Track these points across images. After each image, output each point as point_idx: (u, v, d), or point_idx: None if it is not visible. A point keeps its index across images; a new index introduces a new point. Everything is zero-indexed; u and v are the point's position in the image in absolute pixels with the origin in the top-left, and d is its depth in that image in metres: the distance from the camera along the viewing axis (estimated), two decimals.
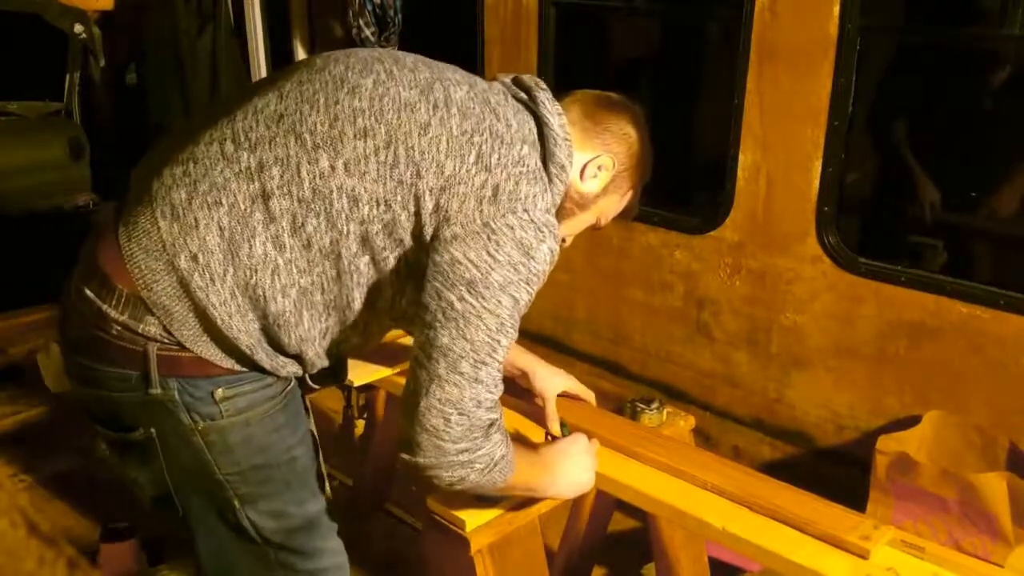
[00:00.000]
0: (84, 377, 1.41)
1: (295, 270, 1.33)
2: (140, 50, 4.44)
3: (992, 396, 2.21)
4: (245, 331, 1.35)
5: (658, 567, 2.14)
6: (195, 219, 1.30)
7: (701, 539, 2.10)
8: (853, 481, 2.22)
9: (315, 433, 1.59)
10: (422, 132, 1.34)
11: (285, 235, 1.32)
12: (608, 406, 1.99)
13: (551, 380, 1.90)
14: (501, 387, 1.37)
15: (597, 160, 1.53)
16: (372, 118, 1.34)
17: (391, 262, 1.37)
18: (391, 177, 1.33)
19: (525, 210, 1.35)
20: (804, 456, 2.59)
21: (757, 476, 1.68)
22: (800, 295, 2.51)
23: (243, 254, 1.31)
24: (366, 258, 1.36)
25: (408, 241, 1.36)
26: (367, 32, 3.47)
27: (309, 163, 1.31)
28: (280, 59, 4.11)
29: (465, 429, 1.32)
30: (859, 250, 2.43)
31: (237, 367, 1.38)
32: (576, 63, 3.09)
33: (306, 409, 1.57)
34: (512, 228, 1.33)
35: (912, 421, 2.28)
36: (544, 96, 1.49)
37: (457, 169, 1.33)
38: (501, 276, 1.32)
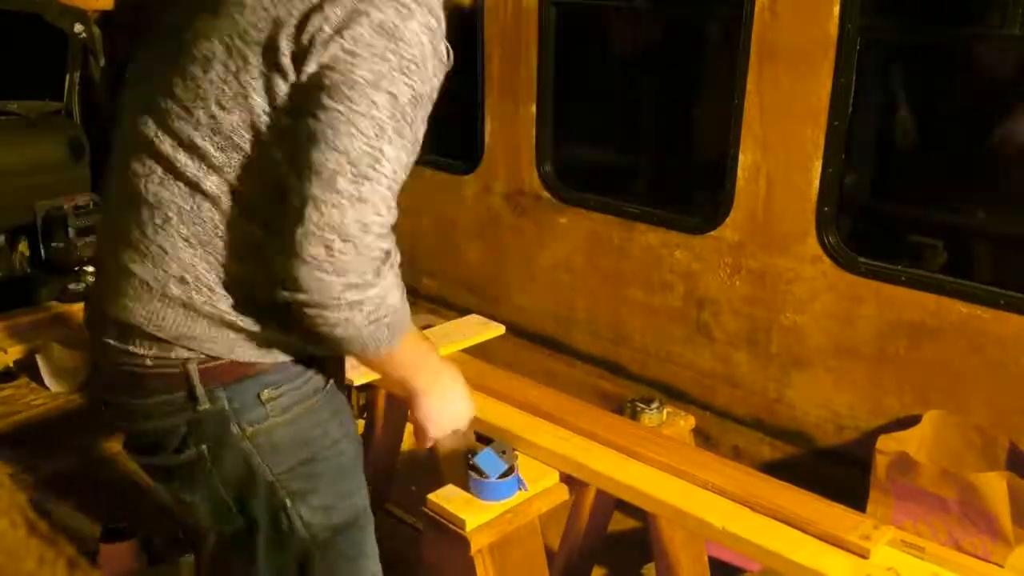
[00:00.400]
0: (128, 414, 1.40)
1: (251, 238, 1.28)
2: (139, 50, 4.43)
3: (992, 396, 2.21)
4: (268, 314, 1.31)
5: (658, 567, 2.14)
6: (159, 247, 1.28)
7: (701, 539, 2.10)
8: (853, 481, 2.22)
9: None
10: (238, 7, 1.23)
11: (233, 209, 1.26)
12: (608, 406, 1.99)
13: None
14: (395, 212, 1.21)
15: None
16: (201, 46, 1.25)
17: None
18: (257, 75, 1.21)
19: None
20: (804, 456, 2.59)
21: (757, 476, 1.68)
22: (800, 295, 2.51)
23: (216, 249, 1.28)
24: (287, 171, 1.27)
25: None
26: None
27: (194, 128, 1.25)
28: None
29: (351, 259, 1.17)
30: (859, 250, 2.43)
31: (280, 358, 1.36)
32: (577, 63, 3.09)
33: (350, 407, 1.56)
34: (365, 14, 1.17)
35: (912, 421, 2.28)
36: None
37: (289, 12, 1.20)
38: (367, 71, 1.16)
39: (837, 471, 2.47)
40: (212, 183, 1.26)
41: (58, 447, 3.13)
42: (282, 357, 1.37)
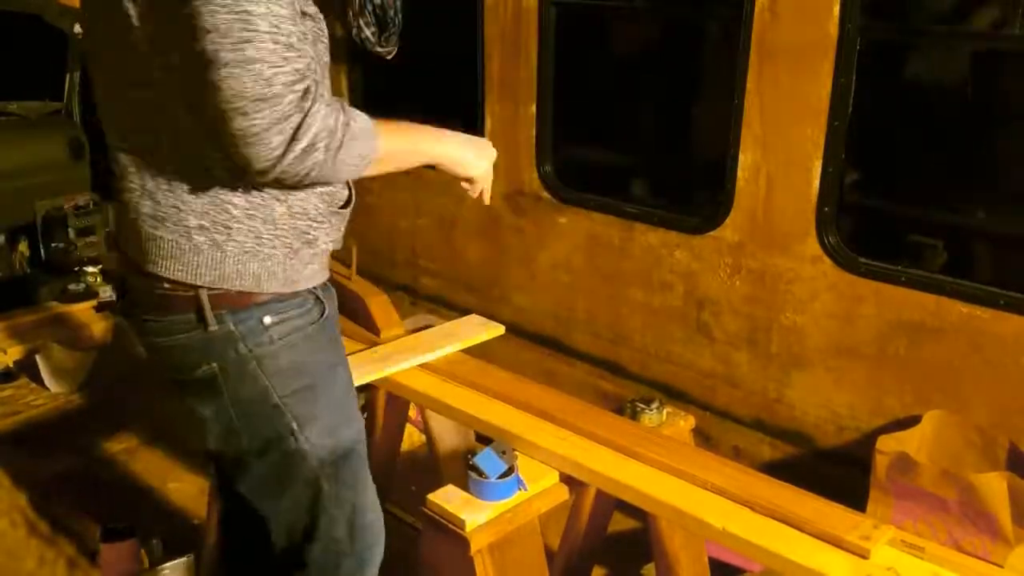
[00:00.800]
0: (152, 330, 1.51)
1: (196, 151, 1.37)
2: None
3: (992, 396, 2.21)
4: (272, 237, 1.44)
5: (658, 567, 2.14)
6: (153, 182, 1.41)
7: (701, 539, 2.10)
8: (853, 481, 2.22)
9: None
10: None
11: (178, 134, 1.36)
12: (608, 406, 1.99)
13: None
14: (298, 56, 1.26)
15: None
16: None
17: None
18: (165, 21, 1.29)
19: None
20: (804, 456, 2.59)
21: (757, 476, 1.68)
22: (800, 295, 2.51)
23: (203, 178, 1.39)
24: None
25: None
26: (367, 32, 3.47)
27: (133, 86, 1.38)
28: None
29: (271, 118, 1.24)
30: (859, 250, 2.43)
31: (279, 288, 1.47)
32: (576, 63, 3.09)
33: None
34: None
35: (912, 421, 2.28)
36: None
37: None
38: None
39: (837, 471, 2.47)
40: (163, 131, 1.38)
41: (58, 447, 3.13)
42: (279, 287, 1.48)
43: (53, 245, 4.15)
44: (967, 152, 2.87)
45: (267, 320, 1.48)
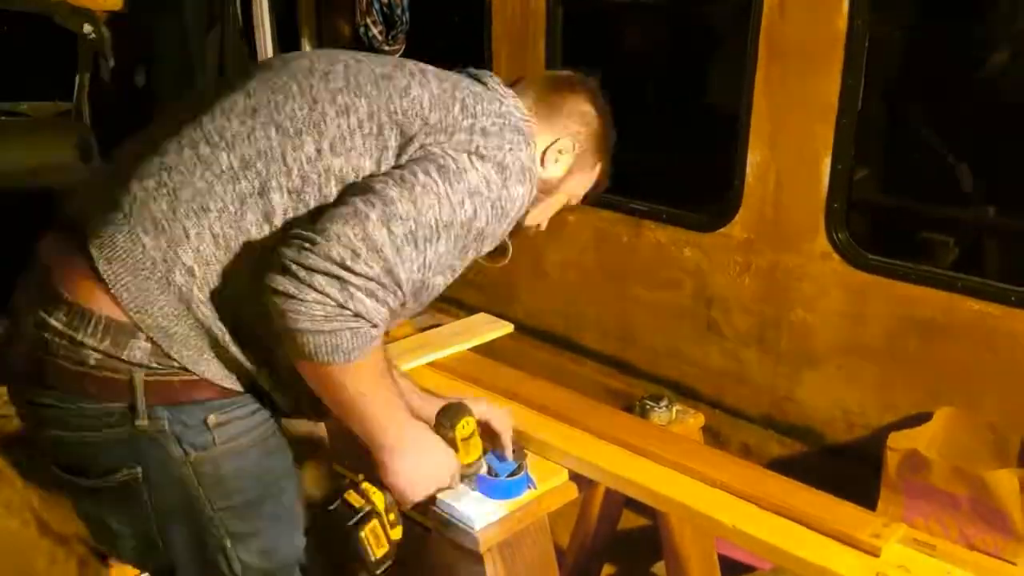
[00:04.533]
0: (47, 418, 1.28)
1: (269, 261, 1.23)
2: (149, 51, 4.45)
3: (1004, 393, 2.20)
4: (251, 347, 1.28)
5: (668, 565, 2.14)
6: (184, 229, 1.22)
7: (711, 537, 2.09)
8: (864, 478, 2.21)
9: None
10: (403, 95, 1.32)
11: (279, 231, 1.24)
12: (617, 404, 1.99)
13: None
14: (403, 298, 1.21)
15: (556, 145, 1.51)
16: (351, 94, 1.31)
17: None
18: (376, 146, 1.29)
19: (511, 149, 1.33)
20: (814, 453, 2.58)
21: (767, 474, 1.67)
22: (810, 292, 2.50)
23: (242, 261, 1.24)
24: None
25: None
26: (375, 31, 3.47)
27: (294, 150, 1.26)
28: None
29: (377, 273, 1.16)
30: (869, 247, 2.42)
31: (236, 387, 1.30)
32: (584, 61, 3.08)
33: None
34: (501, 153, 1.31)
35: (923, 418, 2.26)
36: (494, 82, 1.47)
37: (443, 118, 1.31)
38: (475, 181, 1.27)
39: (847, 468, 2.46)
40: (274, 201, 1.25)
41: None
42: (237, 386, 1.31)
43: None
44: (978, 148, 2.86)
45: (211, 419, 1.28)
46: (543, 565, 1.69)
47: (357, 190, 1.23)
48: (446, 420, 1.49)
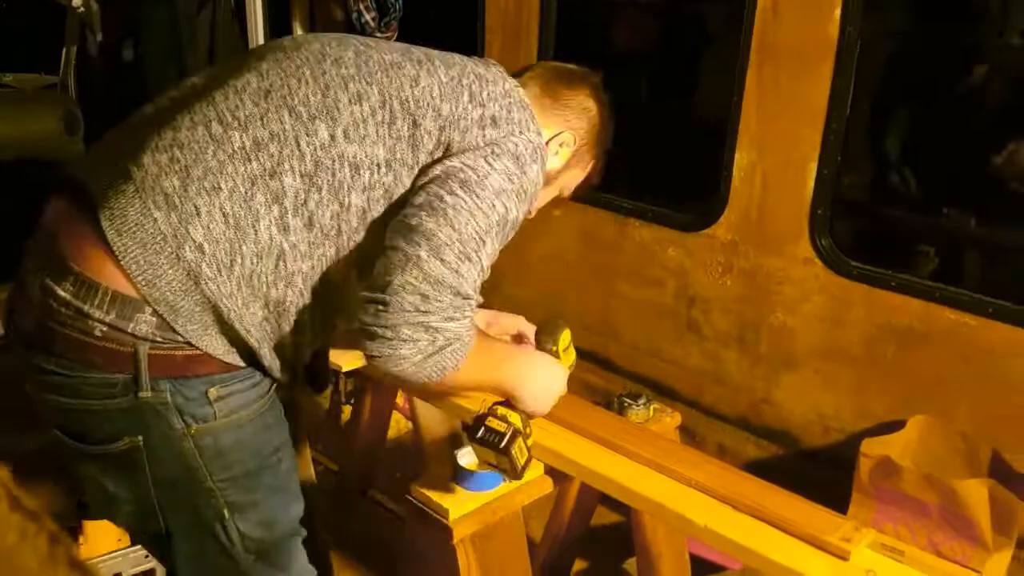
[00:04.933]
0: (52, 384, 1.30)
1: (298, 255, 1.30)
2: (138, 26, 4.40)
3: (977, 403, 2.22)
4: (254, 325, 1.30)
5: (640, 562, 2.15)
6: (195, 207, 1.23)
7: (683, 535, 2.10)
8: (837, 483, 2.23)
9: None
10: (413, 84, 1.37)
11: (288, 215, 1.27)
12: (596, 400, 1.99)
13: (506, 322, 1.86)
14: (477, 300, 1.34)
15: (559, 138, 1.55)
16: (363, 81, 1.35)
17: (383, 230, 1.34)
18: (390, 135, 1.33)
19: (522, 132, 1.40)
20: (789, 456, 2.60)
21: (741, 475, 1.68)
22: (791, 296, 2.51)
23: (250, 240, 1.26)
24: (362, 231, 1.35)
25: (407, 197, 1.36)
26: (367, 17, 3.46)
27: (308, 135, 1.29)
28: None
29: (449, 301, 1.27)
30: (851, 253, 2.44)
31: (237, 362, 1.32)
32: (577, 53, 3.08)
33: (285, 411, 1.49)
34: (515, 143, 1.38)
35: (897, 425, 2.28)
36: (498, 71, 1.50)
37: (454, 109, 1.37)
38: (497, 182, 1.34)
39: (821, 472, 2.48)
40: (285, 183, 1.28)
41: (40, 422, 3.11)
42: (238, 361, 1.33)
43: None
44: (962, 159, 2.88)
45: (212, 392, 1.30)
46: (515, 557, 1.69)
47: (397, 231, 1.30)
48: (547, 337, 1.71)
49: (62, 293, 1.24)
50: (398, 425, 3.06)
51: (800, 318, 2.51)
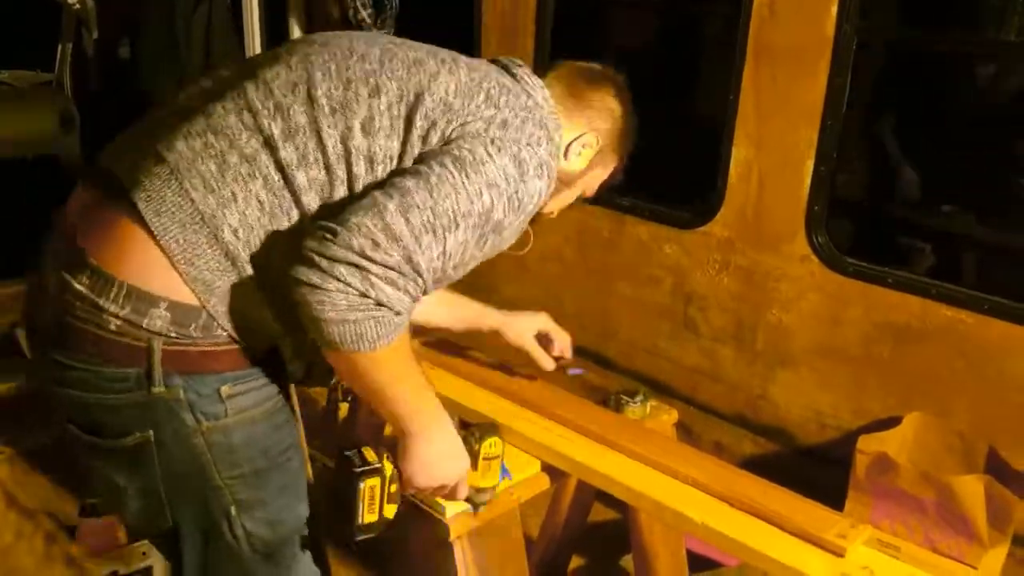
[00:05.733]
0: (68, 379, 1.31)
1: (300, 242, 1.27)
2: (134, 24, 4.39)
3: (973, 400, 2.22)
4: (282, 312, 1.29)
5: (636, 559, 2.15)
6: (232, 192, 1.26)
7: (680, 532, 2.11)
8: (833, 480, 2.24)
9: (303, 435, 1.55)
10: (432, 79, 1.36)
11: (314, 206, 1.29)
12: (593, 398, 2.00)
13: (523, 324, 1.89)
14: (425, 286, 1.25)
15: (581, 139, 1.54)
16: (384, 76, 1.35)
17: None
18: (404, 128, 1.33)
19: (529, 144, 1.36)
20: (785, 453, 2.60)
21: (737, 472, 1.69)
22: (787, 294, 2.52)
23: (284, 230, 1.28)
24: None
25: None
26: (363, 13, 3.45)
27: (329, 127, 1.30)
28: (275, 37, 4.08)
29: (397, 261, 1.19)
30: (847, 251, 2.44)
31: (255, 354, 1.34)
32: (573, 51, 3.08)
33: (293, 411, 1.50)
34: (518, 147, 1.33)
35: (894, 422, 2.29)
36: (523, 72, 1.49)
37: (465, 105, 1.35)
38: (492, 173, 1.30)
39: (818, 469, 2.48)
40: (310, 175, 1.29)
41: (39, 421, 3.11)
42: (257, 351, 1.34)
43: None
44: (958, 157, 2.88)
45: (225, 389, 1.31)
46: (512, 555, 1.70)
47: (378, 185, 1.27)
48: (476, 432, 1.53)
49: (78, 287, 1.25)
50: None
51: (797, 315, 2.51)
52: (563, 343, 1.92)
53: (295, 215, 1.29)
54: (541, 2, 2.91)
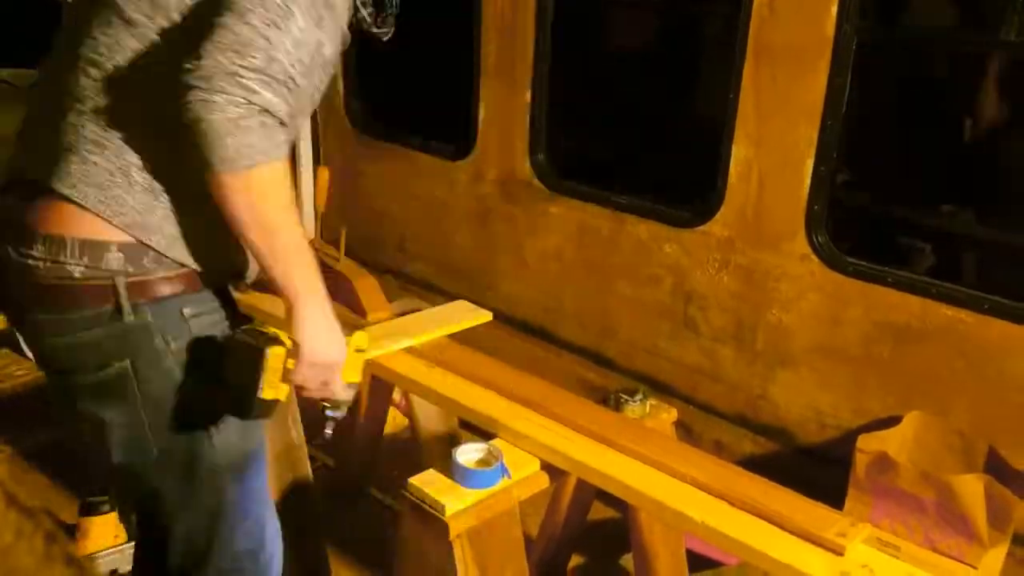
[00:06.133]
0: (48, 331, 1.42)
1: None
2: None
3: (973, 400, 2.23)
4: (220, 223, 1.34)
5: (636, 558, 2.15)
6: (122, 140, 1.35)
7: (679, 531, 2.11)
8: (833, 479, 2.24)
9: None
10: None
11: (159, 95, 1.31)
12: (593, 397, 2.00)
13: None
14: (295, 83, 1.29)
15: None
16: None
17: None
18: None
19: None
20: (786, 453, 2.60)
21: (737, 471, 1.69)
22: (787, 293, 2.52)
23: (178, 142, 1.30)
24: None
25: None
26: (363, 12, 3.42)
27: (134, 12, 1.35)
28: None
29: (261, 63, 1.24)
30: (847, 250, 2.44)
31: (205, 275, 1.45)
32: (574, 51, 3.08)
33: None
34: None
35: (893, 422, 2.29)
36: None
37: None
38: None
39: (818, 469, 2.49)
40: (156, 71, 1.32)
41: (39, 419, 3.11)
42: (203, 277, 1.45)
43: None
44: (958, 156, 2.89)
45: (186, 311, 1.43)
46: (512, 553, 1.70)
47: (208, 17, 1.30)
48: (347, 327, 1.50)
49: (36, 254, 1.37)
50: (395, 421, 3.06)
51: (797, 315, 2.51)
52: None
53: (172, 126, 1.30)
54: (541, 2, 2.91)
